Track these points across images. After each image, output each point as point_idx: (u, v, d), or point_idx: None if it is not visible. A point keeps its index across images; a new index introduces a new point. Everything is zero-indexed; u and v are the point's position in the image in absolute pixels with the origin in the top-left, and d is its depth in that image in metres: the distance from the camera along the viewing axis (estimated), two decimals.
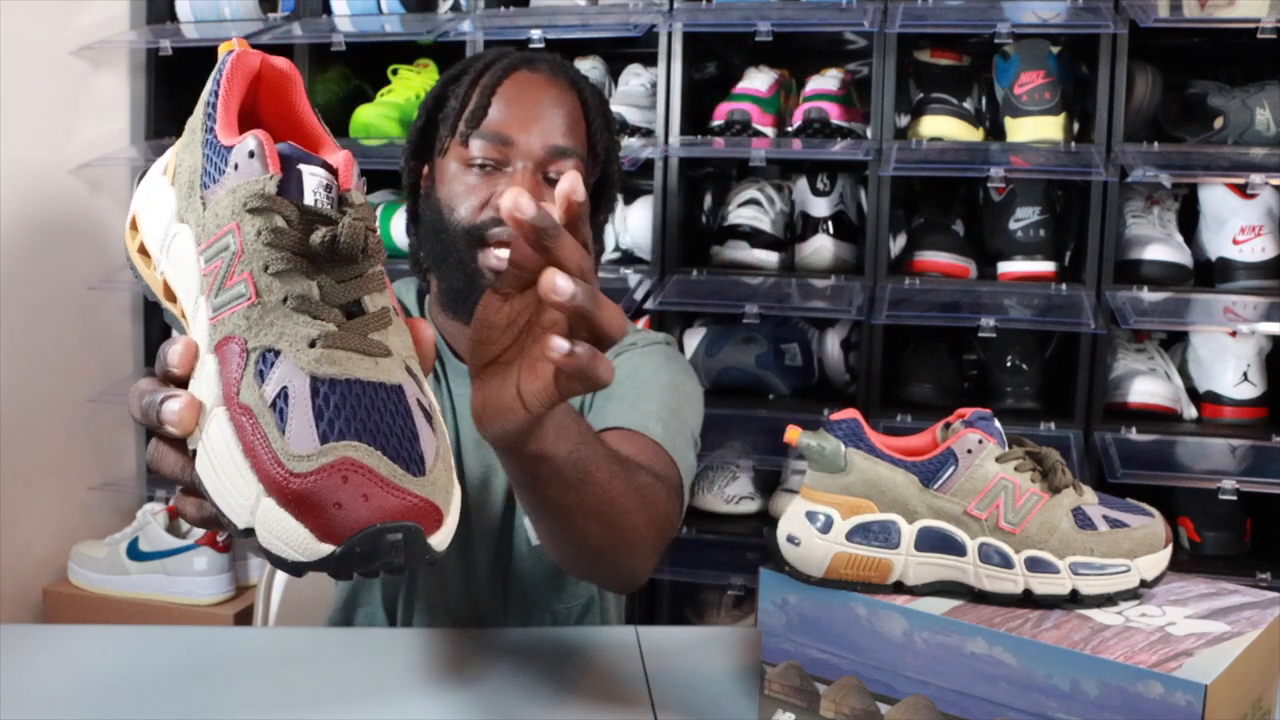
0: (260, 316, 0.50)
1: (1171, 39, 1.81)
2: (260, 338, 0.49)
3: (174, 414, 0.50)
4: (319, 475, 0.45)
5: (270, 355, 0.49)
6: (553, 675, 0.91)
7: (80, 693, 0.85)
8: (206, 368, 0.51)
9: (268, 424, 0.47)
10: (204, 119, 0.56)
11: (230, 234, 0.51)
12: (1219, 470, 1.66)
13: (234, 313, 0.50)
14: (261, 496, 0.46)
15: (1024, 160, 1.72)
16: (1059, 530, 0.73)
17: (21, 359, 1.95)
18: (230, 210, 0.52)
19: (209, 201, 0.53)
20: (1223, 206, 1.78)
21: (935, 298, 1.79)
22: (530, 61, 1.09)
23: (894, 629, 0.71)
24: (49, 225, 2.02)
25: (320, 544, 0.45)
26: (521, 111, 1.05)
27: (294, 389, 0.48)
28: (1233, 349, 1.78)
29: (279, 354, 0.49)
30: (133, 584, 1.96)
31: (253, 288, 0.50)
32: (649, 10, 1.86)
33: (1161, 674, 0.61)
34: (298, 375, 0.48)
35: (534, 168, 1.04)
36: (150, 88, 2.13)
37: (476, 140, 1.04)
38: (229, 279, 0.51)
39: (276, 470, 0.45)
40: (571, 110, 1.08)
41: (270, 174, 0.51)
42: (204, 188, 0.54)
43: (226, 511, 0.47)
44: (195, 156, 0.56)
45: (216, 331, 0.51)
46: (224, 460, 0.47)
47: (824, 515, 0.73)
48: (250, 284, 0.50)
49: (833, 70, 1.93)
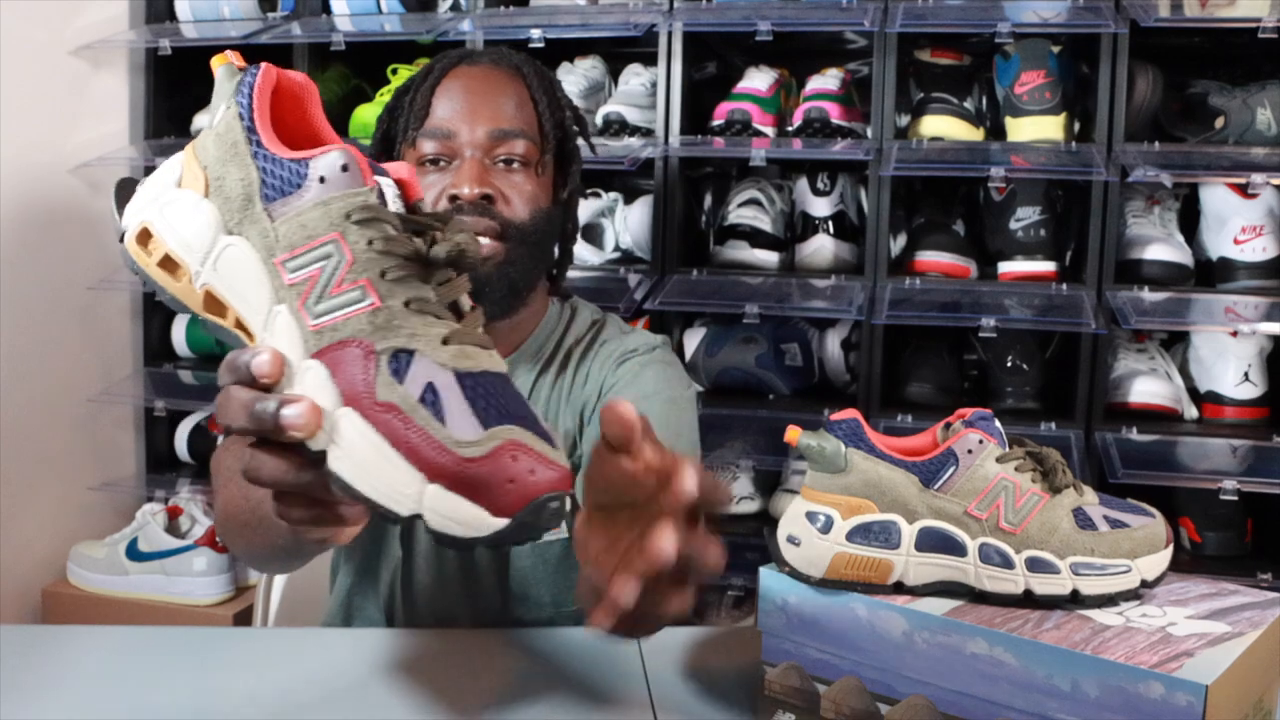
0: (387, 320, 0.53)
1: (1172, 38, 1.80)
2: (388, 340, 0.53)
3: (299, 418, 0.51)
4: (492, 457, 0.50)
5: (404, 355, 0.52)
6: (553, 675, 0.91)
7: (79, 694, 0.84)
8: (310, 373, 0.53)
9: (423, 418, 0.51)
10: (245, 134, 0.57)
11: (332, 244, 0.54)
12: (1220, 470, 1.65)
13: (351, 318, 0.53)
14: (426, 484, 0.50)
15: (1024, 160, 1.72)
16: (1059, 530, 0.73)
17: (20, 359, 1.95)
18: (326, 221, 0.54)
19: (282, 214, 0.55)
20: (1224, 206, 1.78)
21: (936, 298, 1.79)
22: (469, 57, 1.14)
23: (894, 629, 0.71)
24: (48, 225, 2.02)
25: (494, 519, 0.50)
26: (462, 103, 1.09)
27: (440, 384, 0.52)
28: (1234, 349, 1.78)
29: (413, 353, 0.52)
30: (132, 584, 1.95)
31: (374, 293, 0.53)
32: (649, 10, 1.86)
33: (1162, 674, 0.61)
34: (440, 371, 0.52)
35: (481, 154, 1.07)
36: (149, 87, 2.13)
37: (424, 139, 1.08)
38: (335, 286, 0.53)
39: (445, 458, 0.50)
40: (515, 94, 1.11)
41: (370, 186, 0.55)
42: (268, 200, 0.56)
43: (385, 502, 0.51)
44: (246, 170, 0.57)
45: (322, 338, 0.53)
46: (371, 457, 0.51)
47: (824, 515, 0.73)
48: (370, 290, 0.53)
49: (833, 70, 1.92)
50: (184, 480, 2.08)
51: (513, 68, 1.13)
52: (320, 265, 0.54)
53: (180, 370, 2.14)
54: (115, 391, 2.08)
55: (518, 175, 1.08)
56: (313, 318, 0.54)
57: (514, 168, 1.08)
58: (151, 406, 2.12)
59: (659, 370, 1.12)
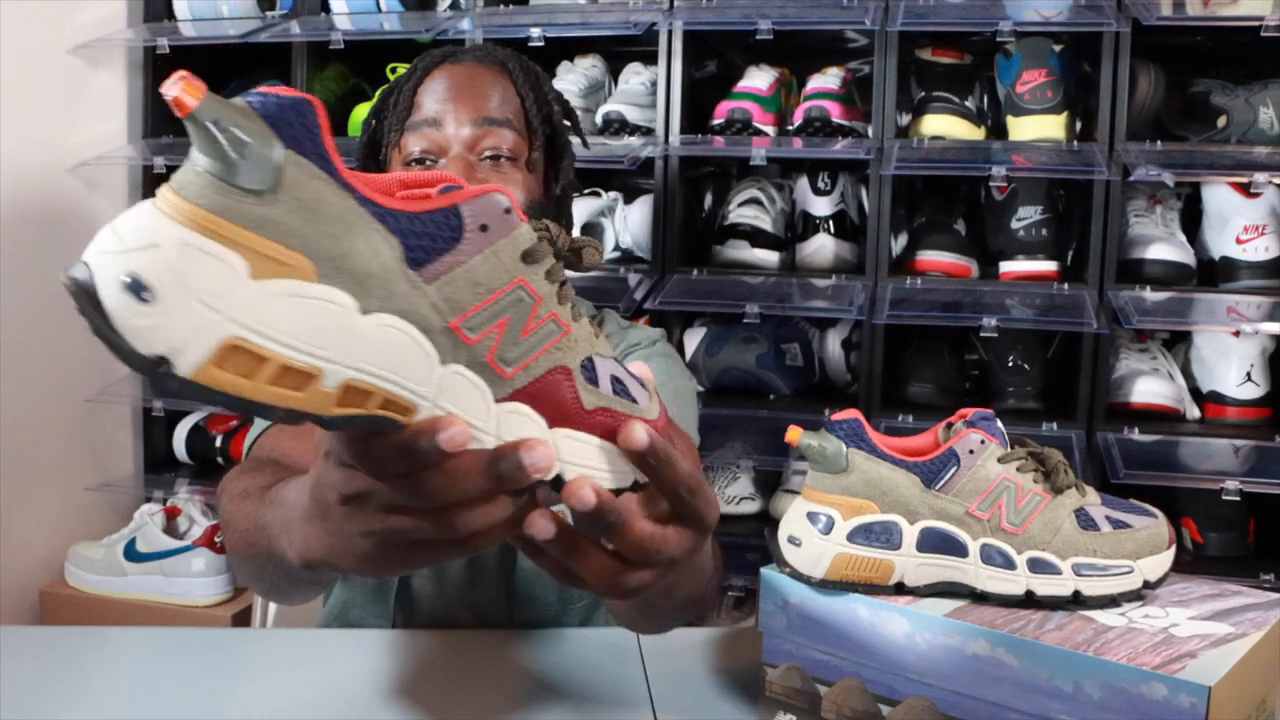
0: (574, 341, 0.55)
1: (1174, 37, 1.80)
2: (576, 356, 0.55)
3: (546, 460, 0.51)
4: (664, 415, 0.59)
5: (588, 362, 0.55)
6: (553, 676, 0.91)
7: (78, 695, 0.84)
8: (514, 416, 0.53)
9: (624, 406, 0.56)
10: (351, 198, 0.48)
11: (518, 288, 0.52)
12: (1222, 471, 1.65)
13: (544, 352, 0.54)
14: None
15: (1026, 159, 1.72)
16: (1061, 531, 0.72)
17: (19, 359, 1.95)
18: (503, 271, 0.51)
19: (442, 275, 0.50)
20: (1226, 206, 1.77)
21: (937, 297, 1.78)
22: (453, 55, 1.13)
23: (896, 630, 0.71)
24: (46, 224, 2.02)
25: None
26: (445, 98, 1.08)
27: (617, 371, 0.57)
28: (1236, 349, 1.78)
29: (592, 356, 0.56)
30: (130, 585, 1.95)
31: (563, 324, 0.54)
32: (649, 8, 1.85)
33: (1165, 675, 0.61)
34: (610, 362, 0.57)
35: (465, 149, 1.06)
36: (148, 86, 2.12)
37: (409, 136, 1.08)
38: (526, 329, 0.53)
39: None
40: (500, 87, 1.10)
41: (525, 221, 0.53)
42: (415, 265, 0.49)
43: (615, 485, 0.56)
44: (373, 238, 0.48)
45: (516, 380, 0.53)
46: (595, 456, 0.55)
47: (825, 516, 0.73)
48: (558, 321, 0.54)
49: (834, 69, 1.92)
50: (182, 480, 2.08)
51: (497, 63, 1.13)
52: (509, 314, 0.52)
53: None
54: (113, 391, 2.08)
55: (507, 171, 1.08)
56: (508, 366, 0.52)
57: (501, 164, 1.07)
58: (150, 406, 2.11)
59: (662, 362, 1.13)
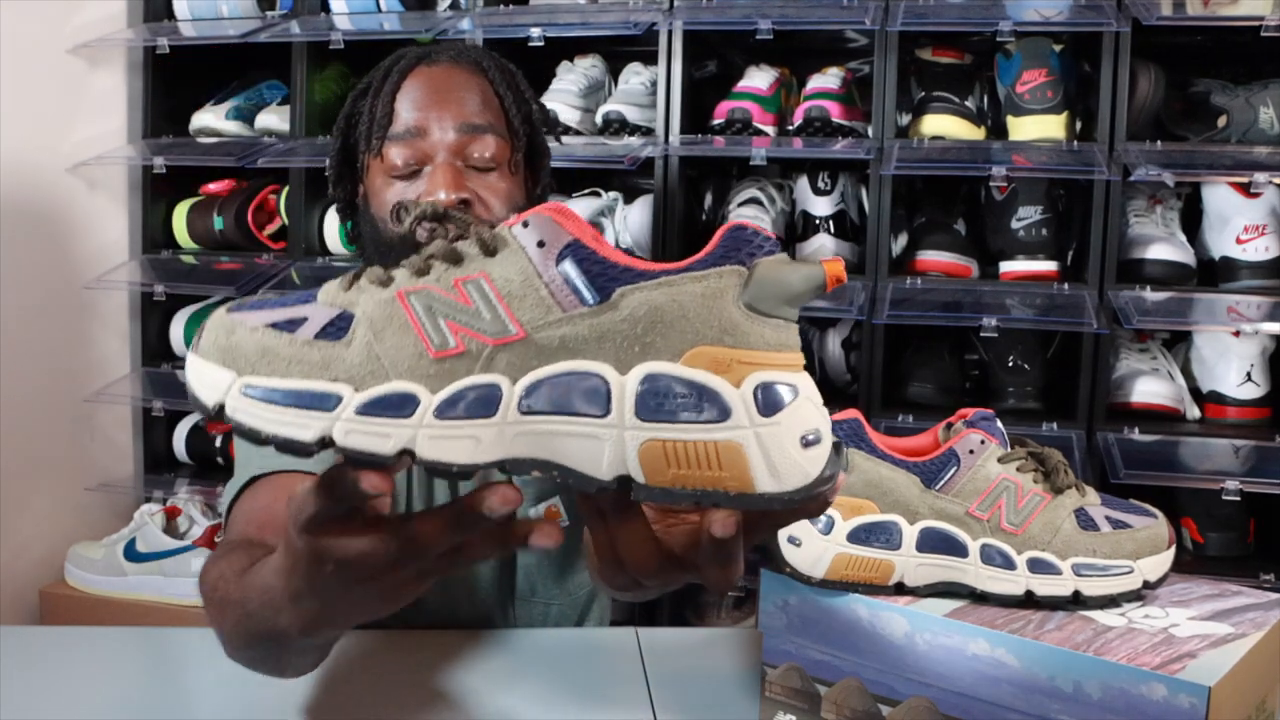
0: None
1: (1175, 37, 1.80)
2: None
3: (503, 504, 0.49)
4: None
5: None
6: (553, 676, 0.90)
7: (77, 695, 0.84)
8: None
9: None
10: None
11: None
12: (1222, 471, 1.65)
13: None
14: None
15: (1026, 159, 1.72)
16: (1061, 531, 0.72)
17: (18, 358, 1.95)
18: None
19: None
20: (1226, 206, 1.77)
21: (937, 297, 1.78)
22: (427, 56, 1.10)
23: (895, 630, 0.71)
24: (46, 223, 2.02)
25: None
26: (426, 105, 1.06)
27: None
28: (1236, 349, 1.77)
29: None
30: (130, 585, 1.95)
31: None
32: (649, 8, 1.85)
33: (1165, 676, 0.61)
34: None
35: (451, 155, 1.05)
36: (148, 86, 2.12)
37: (391, 147, 1.05)
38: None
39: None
40: (479, 91, 1.08)
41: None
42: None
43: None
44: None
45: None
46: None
47: (825, 516, 0.73)
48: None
49: (834, 69, 1.92)
50: (182, 480, 2.08)
51: (473, 64, 1.11)
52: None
53: (178, 370, 2.13)
54: (113, 391, 2.07)
55: (492, 176, 1.06)
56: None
57: (487, 170, 1.06)
58: (149, 406, 2.11)
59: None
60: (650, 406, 0.48)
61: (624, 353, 0.49)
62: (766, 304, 0.48)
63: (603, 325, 0.49)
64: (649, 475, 0.48)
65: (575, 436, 0.49)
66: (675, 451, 0.48)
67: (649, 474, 0.48)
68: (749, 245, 0.49)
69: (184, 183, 2.12)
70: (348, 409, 0.48)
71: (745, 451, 0.48)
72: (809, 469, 0.49)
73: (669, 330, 0.48)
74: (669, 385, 0.48)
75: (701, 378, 0.48)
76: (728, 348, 0.48)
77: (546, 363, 0.49)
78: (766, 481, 0.48)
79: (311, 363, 0.49)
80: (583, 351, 0.49)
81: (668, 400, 0.48)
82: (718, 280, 0.49)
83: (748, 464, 0.48)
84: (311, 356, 0.49)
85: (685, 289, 0.48)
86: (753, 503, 0.48)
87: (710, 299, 0.48)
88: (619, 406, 0.48)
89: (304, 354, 0.49)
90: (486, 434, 0.49)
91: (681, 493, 0.48)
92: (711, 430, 0.48)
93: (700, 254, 0.50)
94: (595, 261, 0.49)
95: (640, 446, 0.48)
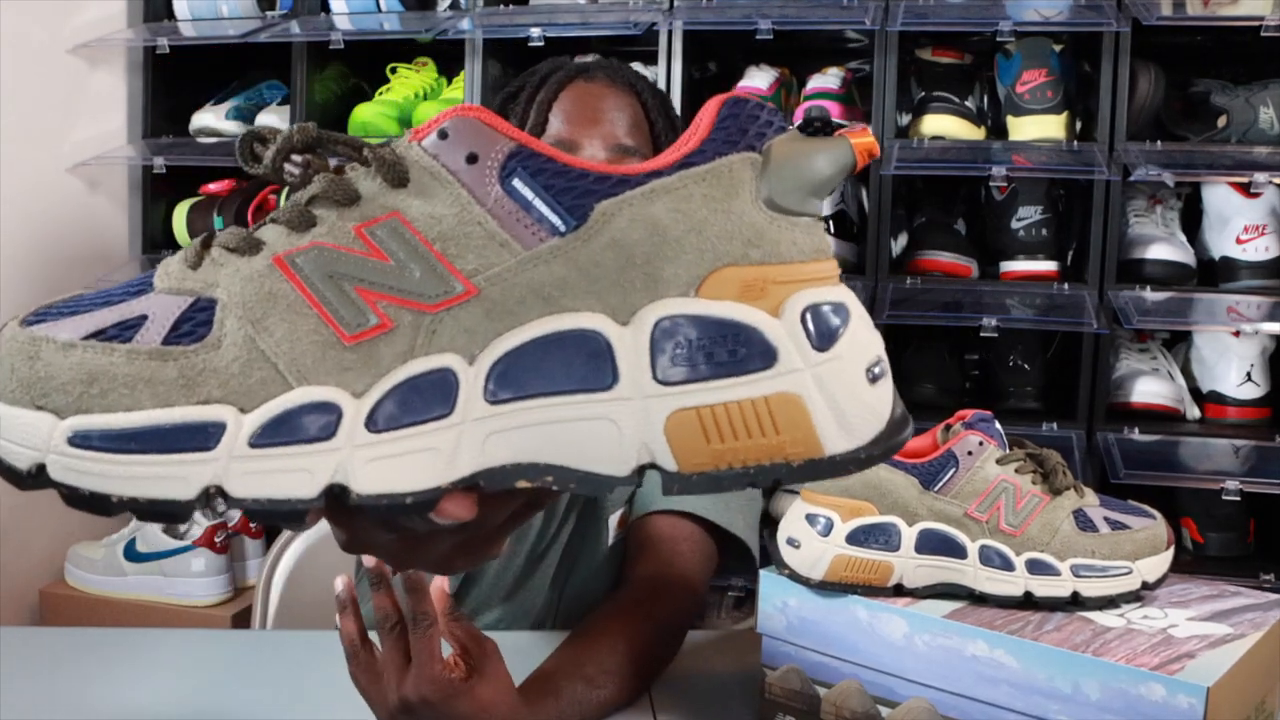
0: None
1: (1174, 37, 1.80)
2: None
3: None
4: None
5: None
6: None
7: (77, 695, 0.84)
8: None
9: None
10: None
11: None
12: (1222, 471, 1.65)
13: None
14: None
15: (1026, 159, 1.72)
16: (1060, 532, 0.72)
17: None
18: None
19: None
20: (1226, 206, 1.77)
21: (937, 297, 1.78)
22: (585, 71, 1.09)
23: (895, 632, 0.71)
24: (46, 224, 2.02)
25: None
26: (581, 120, 1.05)
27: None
28: (1236, 349, 1.77)
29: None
30: (130, 585, 1.95)
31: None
32: (649, 8, 1.85)
33: (1163, 676, 0.61)
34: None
35: None
36: (147, 86, 2.12)
37: None
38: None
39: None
40: (631, 112, 1.07)
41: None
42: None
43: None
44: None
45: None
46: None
47: (824, 518, 0.73)
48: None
49: (834, 69, 1.92)
50: None
51: (627, 84, 1.10)
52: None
53: None
54: None
55: None
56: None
57: None
58: None
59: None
60: (671, 362, 0.36)
61: (619, 293, 0.36)
62: (790, 198, 0.37)
63: (585, 258, 0.36)
64: (682, 458, 0.36)
65: (574, 423, 0.36)
66: (715, 419, 0.36)
67: (682, 456, 0.36)
68: (755, 123, 0.38)
69: (184, 183, 2.12)
70: (237, 442, 0.34)
71: (805, 403, 0.36)
72: (880, 409, 0.37)
73: (677, 253, 0.36)
74: (690, 329, 0.36)
75: (731, 311, 0.36)
76: (755, 264, 0.36)
77: (513, 325, 0.36)
78: (836, 439, 0.36)
79: (167, 381, 0.34)
80: (561, 300, 0.36)
81: (692, 350, 0.36)
82: (728, 174, 0.37)
83: (811, 419, 0.36)
84: (165, 373, 0.34)
85: (689, 192, 0.36)
86: (821, 471, 0.36)
87: (722, 201, 0.36)
88: (629, 370, 0.36)
89: (152, 371, 0.34)
90: (445, 440, 0.36)
91: (729, 474, 0.36)
92: (758, 381, 0.36)
93: (689, 142, 0.38)
94: (557, 172, 0.37)
95: (667, 421, 0.36)
